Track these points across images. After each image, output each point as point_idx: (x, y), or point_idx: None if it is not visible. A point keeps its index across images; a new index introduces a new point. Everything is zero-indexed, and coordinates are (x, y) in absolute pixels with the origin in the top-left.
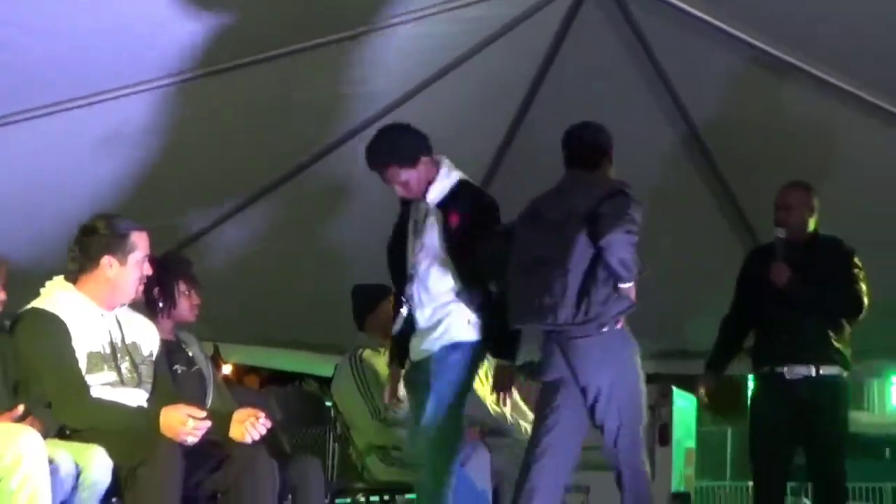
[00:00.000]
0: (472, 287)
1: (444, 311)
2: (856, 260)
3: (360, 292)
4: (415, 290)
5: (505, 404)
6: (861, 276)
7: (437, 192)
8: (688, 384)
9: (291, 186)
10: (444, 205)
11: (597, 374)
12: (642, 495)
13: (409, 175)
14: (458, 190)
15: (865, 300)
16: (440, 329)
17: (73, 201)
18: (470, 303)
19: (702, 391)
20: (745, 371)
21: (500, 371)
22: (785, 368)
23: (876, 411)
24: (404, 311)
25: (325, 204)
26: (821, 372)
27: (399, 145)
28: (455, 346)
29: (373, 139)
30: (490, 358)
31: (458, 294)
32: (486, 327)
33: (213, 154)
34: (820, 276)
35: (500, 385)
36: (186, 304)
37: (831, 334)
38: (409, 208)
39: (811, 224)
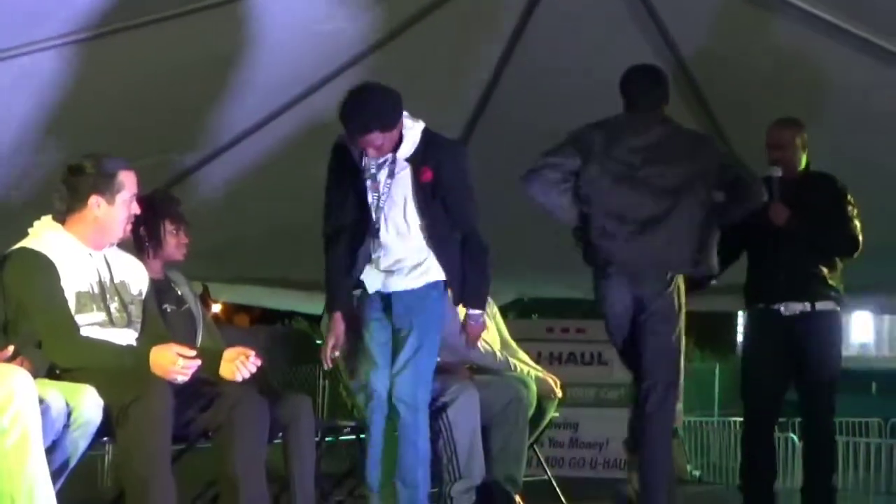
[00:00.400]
0: (444, 235)
1: (422, 255)
2: (849, 197)
3: None
4: (386, 240)
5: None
6: (855, 214)
7: (407, 147)
8: None
9: (280, 124)
10: (414, 158)
11: (663, 296)
12: (670, 410)
13: (385, 137)
14: (426, 141)
15: (860, 238)
16: (422, 268)
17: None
18: (441, 251)
19: None
20: (733, 308)
21: (475, 319)
22: (781, 305)
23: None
24: (370, 269)
25: (313, 141)
26: (816, 308)
27: (382, 111)
28: (435, 285)
29: (352, 105)
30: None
31: (429, 240)
32: (460, 276)
33: (201, 90)
34: (815, 213)
35: (473, 333)
36: (174, 243)
37: (825, 271)
38: (350, 157)
39: (803, 160)
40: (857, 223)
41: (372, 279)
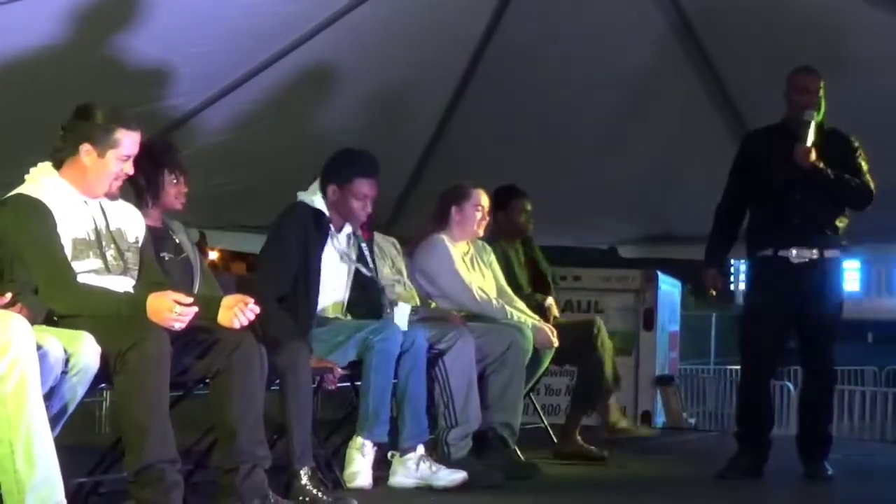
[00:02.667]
0: None
1: None
2: (861, 151)
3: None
4: None
5: None
6: (867, 168)
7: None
8: (673, 268)
9: (275, 71)
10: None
11: None
12: None
13: None
14: None
15: (874, 190)
16: None
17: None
18: None
19: (712, 290)
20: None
21: None
22: (791, 251)
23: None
24: None
25: (308, 89)
26: (825, 255)
27: None
28: None
29: (363, 153)
30: (484, 245)
31: None
32: None
33: (193, 39)
34: (831, 164)
35: None
36: (174, 192)
37: (835, 219)
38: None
39: (822, 112)
40: (869, 177)
41: None
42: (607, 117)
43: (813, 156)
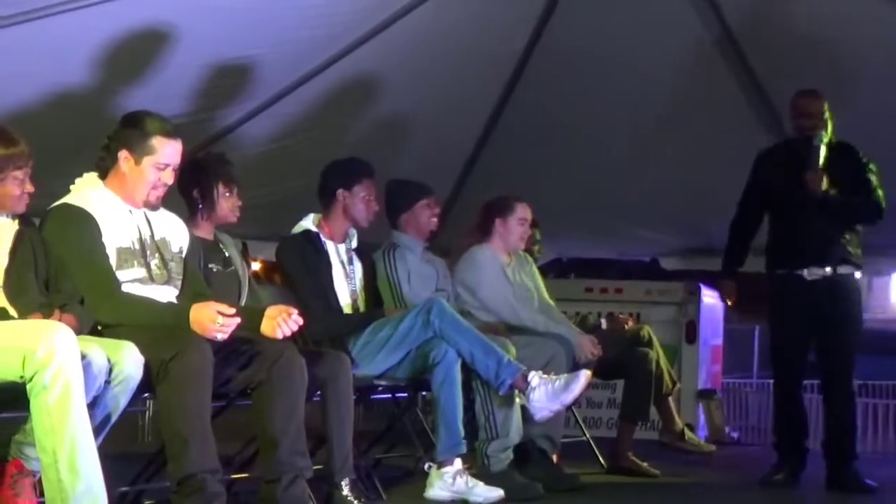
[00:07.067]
0: None
1: None
2: (872, 166)
3: (397, 190)
4: None
5: None
6: (878, 183)
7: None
8: (715, 281)
9: (317, 82)
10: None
11: None
12: None
13: None
14: None
15: (884, 205)
16: None
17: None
18: None
19: (729, 299)
20: None
21: None
22: (805, 270)
23: None
24: None
25: (350, 100)
26: (837, 272)
27: None
28: None
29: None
30: (526, 257)
31: None
32: None
33: (237, 51)
34: (841, 183)
35: None
36: (227, 206)
37: (846, 236)
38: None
39: (829, 131)
40: (881, 192)
41: None
42: (648, 129)
43: (825, 183)
